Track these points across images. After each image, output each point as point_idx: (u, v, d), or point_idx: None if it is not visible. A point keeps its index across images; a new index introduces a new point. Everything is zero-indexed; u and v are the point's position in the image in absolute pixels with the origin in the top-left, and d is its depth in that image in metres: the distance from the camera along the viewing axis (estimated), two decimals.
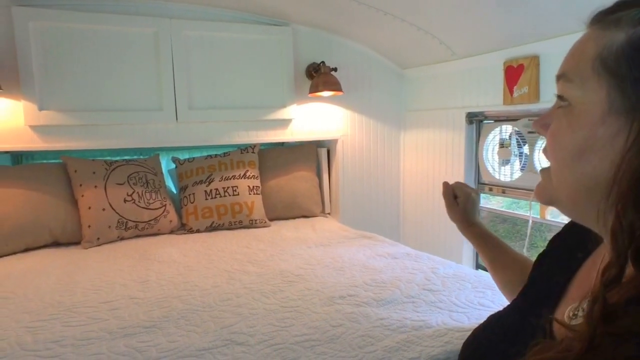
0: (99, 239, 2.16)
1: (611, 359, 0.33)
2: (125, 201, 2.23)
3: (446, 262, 1.83)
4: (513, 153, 2.17)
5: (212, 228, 2.42)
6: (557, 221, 1.99)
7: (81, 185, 2.19)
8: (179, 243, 2.17)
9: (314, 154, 2.87)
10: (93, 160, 2.30)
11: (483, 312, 1.35)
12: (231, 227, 2.46)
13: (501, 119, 2.26)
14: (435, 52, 2.48)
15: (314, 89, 2.53)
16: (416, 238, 2.91)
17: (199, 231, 2.40)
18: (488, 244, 0.87)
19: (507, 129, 2.21)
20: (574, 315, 0.48)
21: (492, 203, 2.64)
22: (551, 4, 1.69)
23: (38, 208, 2.10)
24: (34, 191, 2.12)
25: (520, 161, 2.14)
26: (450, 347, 1.13)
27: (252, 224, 2.48)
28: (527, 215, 2.07)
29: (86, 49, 2.22)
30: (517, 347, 0.53)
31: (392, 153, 3.00)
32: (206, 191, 2.43)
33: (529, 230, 2.03)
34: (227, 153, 2.60)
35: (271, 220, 2.59)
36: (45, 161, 2.46)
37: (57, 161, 2.32)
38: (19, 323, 1.33)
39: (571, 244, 0.61)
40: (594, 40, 0.43)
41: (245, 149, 2.63)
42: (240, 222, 2.46)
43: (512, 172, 2.20)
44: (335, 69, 2.57)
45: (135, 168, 2.33)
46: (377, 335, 1.21)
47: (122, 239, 2.25)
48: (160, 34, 2.32)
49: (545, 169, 0.50)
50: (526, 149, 2.10)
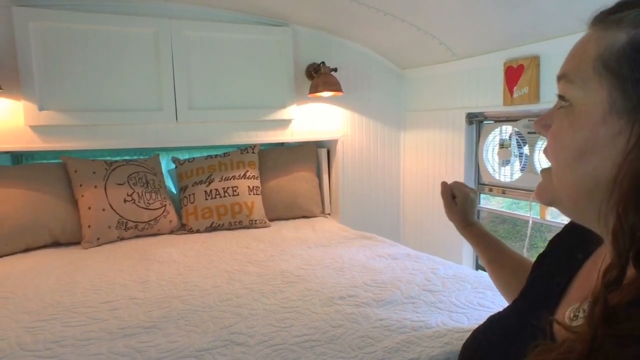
0: (99, 239, 2.16)
1: None
2: (125, 201, 2.23)
3: (446, 262, 1.83)
4: (513, 153, 2.17)
5: (212, 228, 2.42)
6: (557, 222, 1.99)
7: (81, 186, 2.19)
8: (178, 243, 2.17)
9: (314, 154, 2.87)
10: (93, 160, 2.30)
11: (483, 312, 1.35)
12: (231, 227, 2.46)
13: (501, 119, 2.26)
14: (435, 52, 2.48)
15: (314, 89, 2.53)
16: (416, 239, 2.91)
17: (199, 231, 2.40)
18: (486, 243, 0.87)
19: (507, 129, 2.21)
20: (574, 317, 0.48)
21: (492, 203, 2.64)
22: (551, 4, 1.69)
23: (38, 208, 2.10)
24: (34, 191, 2.12)
25: (520, 162, 2.14)
26: (449, 347, 1.13)
27: (252, 224, 2.48)
28: (527, 215, 2.06)
29: (86, 49, 2.22)
30: (517, 348, 0.53)
31: (392, 153, 3.00)
32: (206, 191, 2.43)
33: (529, 231, 2.03)
34: (227, 153, 2.60)
35: (271, 220, 2.59)
36: (45, 161, 2.46)
37: (57, 161, 2.32)
38: (18, 323, 1.33)
39: (571, 245, 0.60)
40: (595, 41, 0.43)
41: (245, 149, 2.63)
42: (240, 222, 2.46)
43: (512, 173, 2.20)
44: (335, 70, 2.57)
45: (135, 168, 2.33)
46: (377, 336, 1.21)
47: (122, 239, 2.24)
48: (160, 34, 2.32)
49: (546, 169, 0.50)
50: (526, 149, 2.10)
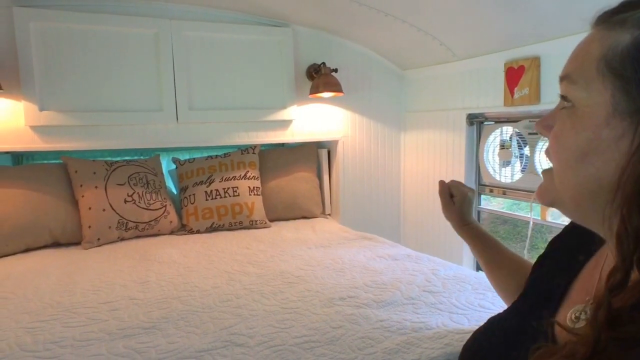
0: (99, 239, 2.16)
1: None
2: (126, 202, 2.23)
3: (446, 263, 1.83)
4: (514, 154, 2.17)
5: (213, 229, 2.42)
6: (558, 222, 1.98)
7: (81, 186, 2.19)
8: (179, 244, 2.17)
9: (315, 154, 2.87)
10: (93, 160, 2.30)
11: (483, 314, 1.35)
12: (231, 227, 2.46)
13: (502, 120, 2.26)
14: (435, 53, 2.48)
15: (315, 89, 2.53)
16: (416, 239, 2.91)
17: (199, 232, 2.40)
18: (484, 244, 0.86)
19: (508, 130, 2.21)
20: (576, 319, 0.47)
21: (493, 204, 2.63)
22: (552, 5, 1.69)
23: (38, 208, 2.10)
24: (35, 191, 2.12)
25: (521, 162, 2.14)
26: (450, 349, 1.13)
27: (253, 225, 2.48)
28: (528, 216, 2.06)
29: (87, 49, 2.22)
30: (517, 350, 0.53)
31: (393, 154, 2.99)
32: (206, 192, 2.43)
33: (529, 232, 2.03)
34: (227, 154, 2.60)
35: (271, 221, 2.59)
36: (46, 161, 2.46)
37: (58, 161, 2.31)
38: (18, 323, 1.33)
39: (572, 246, 0.60)
40: (598, 41, 0.42)
41: (246, 149, 2.63)
42: (240, 222, 2.45)
43: (512, 174, 2.20)
44: (336, 70, 2.57)
45: (136, 169, 2.33)
46: (377, 337, 1.21)
47: (123, 239, 2.24)
48: (160, 34, 2.32)
49: (547, 170, 0.50)
50: (527, 150, 2.10)
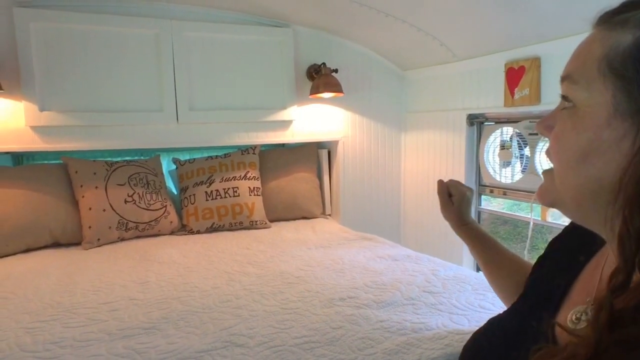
0: (99, 239, 2.16)
1: None
2: (126, 202, 2.23)
3: (447, 264, 1.82)
4: (514, 155, 2.17)
5: (213, 229, 2.42)
6: (558, 223, 1.98)
7: (82, 186, 2.19)
8: (179, 244, 2.17)
9: (315, 155, 2.87)
10: (94, 161, 2.30)
11: (483, 314, 1.35)
12: (231, 228, 2.46)
13: (502, 120, 2.26)
14: (436, 53, 2.47)
15: (315, 90, 2.52)
16: (417, 240, 2.91)
17: (199, 232, 2.40)
18: (483, 244, 0.85)
19: (508, 130, 2.20)
20: (577, 320, 0.47)
21: (493, 205, 2.63)
22: (552, 5, 1.69)
23: (38, 209, 2.10)
24: (35, 192, 2.12)
25: (521, 163, 2.13)
26: (450, 349, 1.13)
27: (253, 225, 2.48)
28: (528, 217, 2.06)
29: (87, 50, 2.22)
30: (518, 351, 0.52)
31: (393, 154, 2.99)
32: (207, 192, 2.43)
33: (530, 232, 2.02)
34: (227, 154, 2.60)
35: (271, 221, 2.59)
36: (46, 162, 2.46)
37: (58, 162, 2.31)
38: (18, 324, 1.33)
39: (572, 247, 0.60)
40: (600, 41, 0.42)
41: (246, 150, 2.63)
42: (240, 223, 2.45)
43: (513, 174, 2.20)
44: (336, 70, 2.57)
45: (136, 169, 2.33)
46: (377, 338, 1.21)
47: (123, 239, 2.24)
48: (161, 35, 2.32)
49: (548, 170, 0.49)
50: (527, 150, 2.10)
